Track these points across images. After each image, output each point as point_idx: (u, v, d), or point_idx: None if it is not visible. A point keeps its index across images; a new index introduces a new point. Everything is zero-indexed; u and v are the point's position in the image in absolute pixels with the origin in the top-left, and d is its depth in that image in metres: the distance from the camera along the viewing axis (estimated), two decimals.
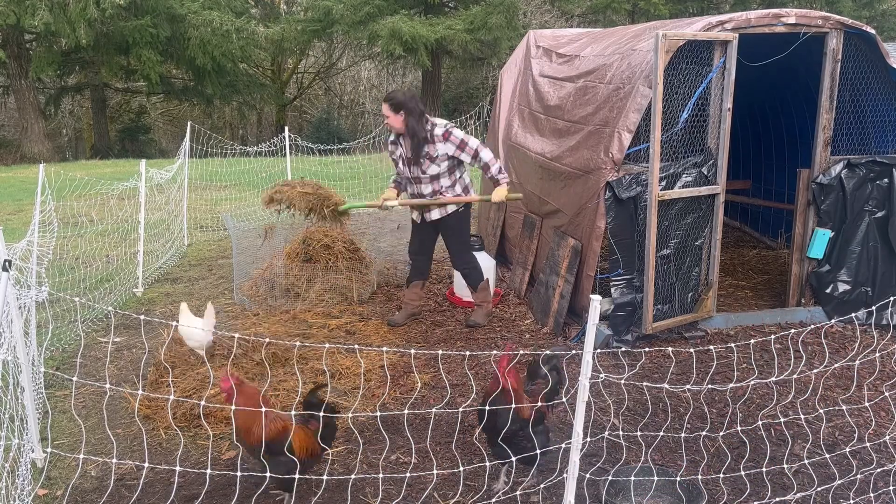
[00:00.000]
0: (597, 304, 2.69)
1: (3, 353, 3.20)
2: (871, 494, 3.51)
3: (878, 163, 5.57)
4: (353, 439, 4.11)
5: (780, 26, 5.21)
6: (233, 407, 3.14)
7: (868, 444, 3.91)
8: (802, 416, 4.06)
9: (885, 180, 5.60)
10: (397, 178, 5.79)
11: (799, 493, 3.40)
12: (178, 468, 3.16)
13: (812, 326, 5.30)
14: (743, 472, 3.31)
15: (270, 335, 5.52)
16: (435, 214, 5.67)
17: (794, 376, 4.32)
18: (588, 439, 3.01)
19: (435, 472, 3.63)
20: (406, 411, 3.80)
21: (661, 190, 5.05)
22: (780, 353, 5.02)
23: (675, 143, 5.16)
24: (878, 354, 4.89)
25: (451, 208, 5.65)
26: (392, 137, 5.64)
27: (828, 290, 5.75)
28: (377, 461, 3.85)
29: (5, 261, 2.89)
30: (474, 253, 6.48)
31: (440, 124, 5.47)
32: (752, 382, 3.53)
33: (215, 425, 4.21)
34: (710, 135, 5.29)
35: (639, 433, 3.84)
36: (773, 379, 4.02)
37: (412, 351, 3.72)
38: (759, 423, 3.94)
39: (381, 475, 3.47)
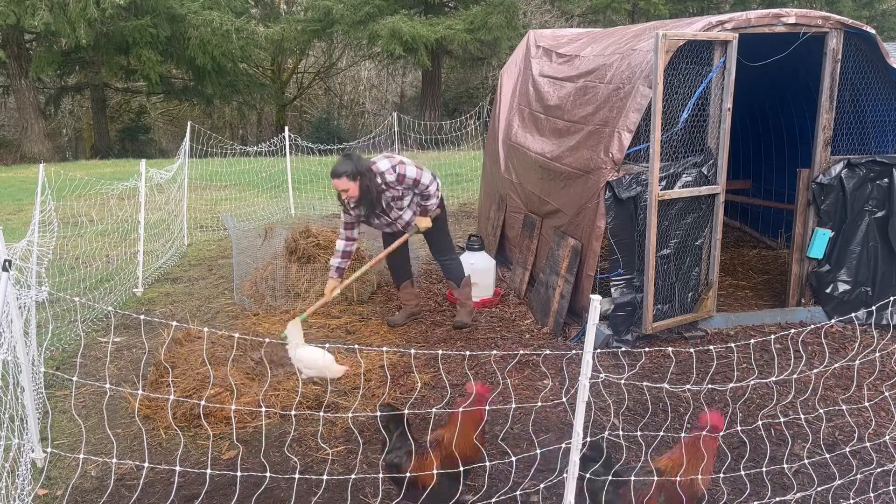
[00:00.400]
0: (597, 304, 2.69)
1: (3, 353, 3.20)
2: (871, 494, 3.51)
3: (878, 163, 5.57)
4: (353, 439, 4.11)
5: (780, 26, 5.21)
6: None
7: (868, 444, 3.91)
8: (802, 416, 4.05)
9: (885, 180, 5.60)
10: (340, 263, 5.59)
11: (799, 493, 3.40)
12: (178, 468, 3.16)
13: (812, 326, 5.30)
14: (743, 472, 3.31)
15: (270, 335, 5.52)
16: (407, 216, 5.57)
17: (794, 376, 4.32)
18: (588, 439, 3.01)
19: (435, 472, 3.63)
20: (406, 411, 3.80)
21: (661, 190, 5.05)
22: (780, 353, 5.02)
23: (675, 143, 5.16)
24: (878, 354, 4.89)
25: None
26: (352, 203, 5.38)
27: (828, 290, 5.75)
28: (377, 461, 3.85)
29: (5, 261, 2.89)
30: (474, 253, 6.50)
31: (386, 168, 5.29)
32: (752, 382, 3.53)
33: (215, 425, 4.21)
34: (710, 135, 5.29)
35: (639, 433, 3.84)
36: (773, 379, 4.02)
37: (412, 351, 3.72)
38: (759, 423, 3.94)
39: (381, 475, 3.47)
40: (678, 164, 5.18)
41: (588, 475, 2.86)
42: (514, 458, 3.46)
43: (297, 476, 3.48)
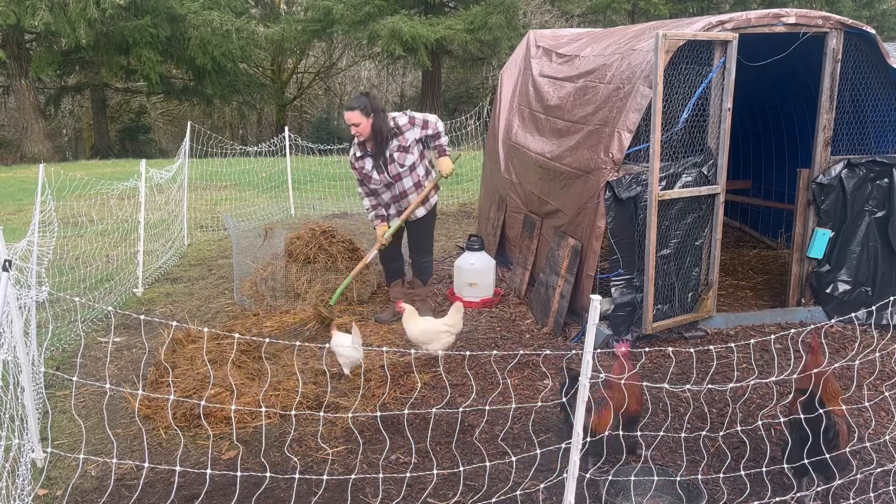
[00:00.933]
0: (597, 304, 2.69)
1: (3, 353, 3.20)
2: (871, 494, 3.51)
3: (878, 163, 5.57)
4: (353, 439, 4.11)
5: (780, 26, 5.21)
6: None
7: (868, 444, 3.90)
8: (802, 416, 4.04)
9: (885, 180, 5.60)
10: (378, 211, 5.79)
11: (799, 492, 3.40)
12: (178, 468, 3.15)
13: (812, 326, 5.29)
14: (743, 472, 3.31)
15: (271, 335, 5.52)
16: (421, 212, 5.80)
17: (794, 376, 4.31)
18: (588, 439, 3.01)
19: (435, 472, 3.63)
20: (406, 411, 3.80)
21: (661, 190, 5.05)
22: (780, 353, 5.02)
23: (675, 143, 5.16)
24: (878, 354, 4.88)
25: (431, 202, 5.81)
26: (358, 153, 5.58)
27: (828, 290, 5.75)
28: (377, 461, 3.85)
29: (5, 261, 2.89)
30: (474, 253, 6.51)
31: (399, 114, 5.59)
32: (752, 382, 3.53)
33: (215, 425, 4.21)
34: (710, 135, 5.29)
35: (639, 433, 3.84)
36: (773, 379, 4.01)
37: (412, 351, 3.72)
38: (759, 423, 3.93)
39: (381, 475, 3.47)
40: (678, 164, 5.18)
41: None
42: (514, 458, 3.47)
43: (297, 476, 3.47)
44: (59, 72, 23.72)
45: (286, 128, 11.84)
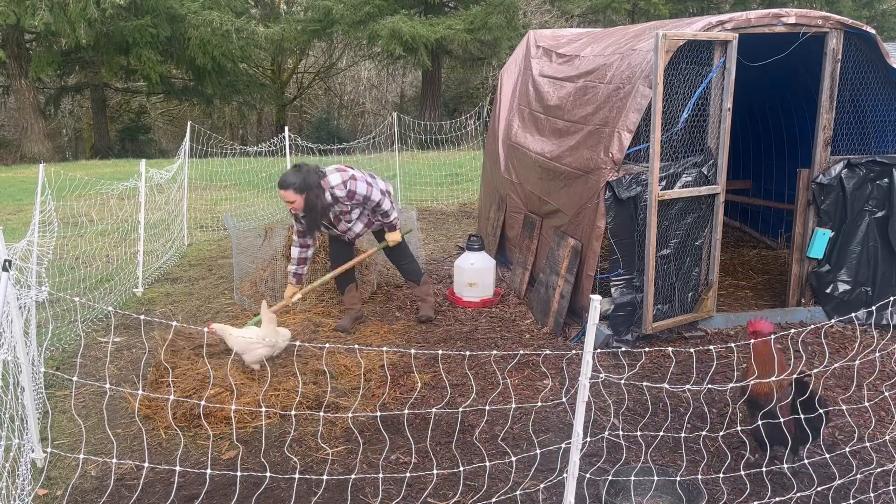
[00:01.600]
0: (597, 304, 2.69)
1: (3, 353, 3.20)
2: (871, 494, 3.51)
3: (878, 163, 5.57)
4: (353, 439, 4.11)
5: (780, 26, 5.21)
6: None
7: (868, 444, 3.91)
8: (802, 416, 4.04)
9: (885, 180, 5.60)
10: (298, 269, 5.72)
11: (799, 492, 3.40)
12: (178, 468, 3.16)
13: (812, 326, 5.29)
14: (743, 472, 3.31)
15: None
16: (358, 227, 5.72)
17: (794, 376, 4.31)
18: (588, 439, 3.01)
19: (435, 472, 3.63)
20: (406, 411, 3.80)
21: (661, 190, 5.05)
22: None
23: (675, 143, 5.16)
24: (878, 354, 4.89)
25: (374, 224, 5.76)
26: (300, 215, 5.52)
27: (828, 290, 5.75)
28: (377, 461, 3.85)
29: (5, 261, 2.89)
30: (474, 253, 6.51)
31: (337, 183, 5.36)
32: (752, 382, 3.53)
33: (215, 425, 4.21)
34: (710, 135, 5.29)
35: (639, 433, 3.84)
36: (773, 379, 4.01)
37: (412, 351, 3.72)
38: (759, 422, 3.93)
39: (381, 475, 3.48)
40: (678, 164, 5.19)
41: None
42: (514, 458, 3.47)
43: (297, 476, 3.48)
44: (59, 72, 23.73)
45: (286, 128, 11.84)
